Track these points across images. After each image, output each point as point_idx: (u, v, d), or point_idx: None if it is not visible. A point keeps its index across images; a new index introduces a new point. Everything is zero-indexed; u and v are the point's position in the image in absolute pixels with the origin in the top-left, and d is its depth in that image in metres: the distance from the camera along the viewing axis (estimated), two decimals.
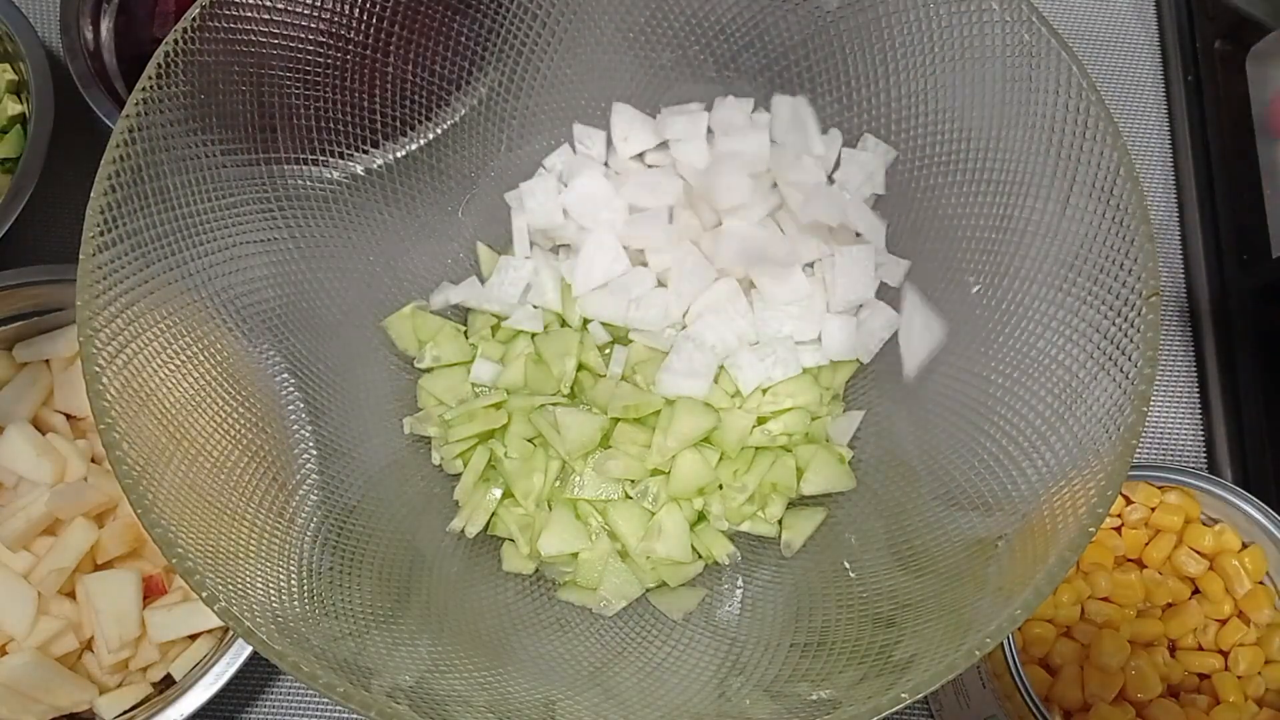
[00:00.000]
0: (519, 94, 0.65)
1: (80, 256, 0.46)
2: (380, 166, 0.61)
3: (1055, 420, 0.51)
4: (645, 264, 0.64)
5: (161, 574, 0.60)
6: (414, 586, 0.56)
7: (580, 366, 0.63)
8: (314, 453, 0.56)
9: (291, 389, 0.57)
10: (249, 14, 0.53)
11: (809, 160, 0.62)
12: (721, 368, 0.62)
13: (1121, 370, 0.47)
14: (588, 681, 0.54)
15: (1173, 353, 0.75)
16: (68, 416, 0.64)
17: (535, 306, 0.64)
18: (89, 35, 0.71)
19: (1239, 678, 0.59)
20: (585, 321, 0.64)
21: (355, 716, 0.65)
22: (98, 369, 0.44)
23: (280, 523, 0.51)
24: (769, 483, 0.61)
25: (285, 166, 0.57)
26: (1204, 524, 0.62)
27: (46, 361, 0.64)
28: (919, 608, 0.52)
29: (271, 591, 0.47)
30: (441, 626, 0.54)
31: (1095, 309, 0.50)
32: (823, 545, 0.61)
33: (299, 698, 0.64)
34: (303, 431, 0.56)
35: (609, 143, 0.67)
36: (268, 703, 0.64)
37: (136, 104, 0.48)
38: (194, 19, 0.50)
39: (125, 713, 0.57)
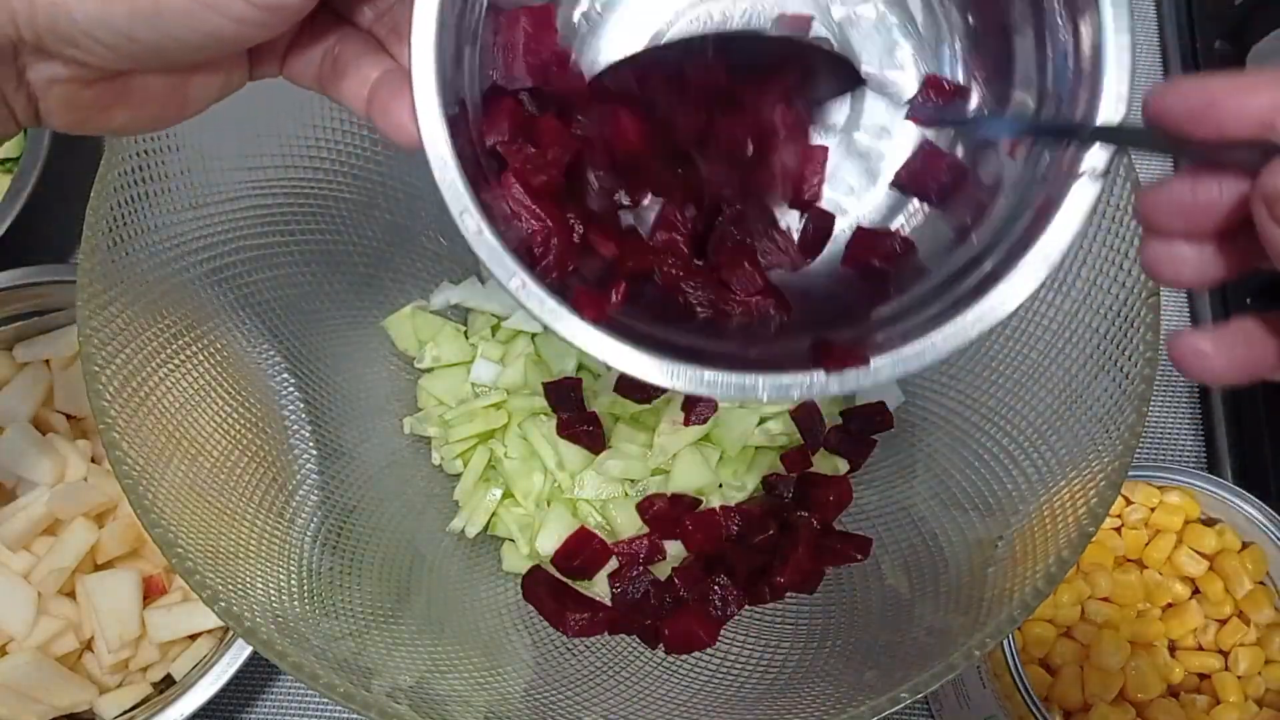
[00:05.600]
0: None
1: (80, 256, 0.46)
2: (382, 165, 0.61)
3: (1055, 420, 0.51)
4: None
5: (161, 574, 0.60)
6: (414, 586, 0.56)
7: (580, 366, 0.63)
8: (314, 453, 0.56)
9: (291, 389, 0.57)
10: None
11: None
12: None
13: (1121, 370, 0.47)
14: (588, 682, 0.54)
15: None
16: (68, 416, 0.64)
17: None
18: None
19: (1239, 678, 0.59)
20: None
21: (355, 716, 0.65)
22: (97, 369, 0.44)
23: (280, 523, 0.51)
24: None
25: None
26: (1204, 524, 0.62)
27: (46, 361, 0.64)
28: (919, 607, 0.52)
29: (272, 591, 0.47)
30: (441, 626, 0.54)
31: (1094, 309, 0.50)
32: None
33: (299, 698, 0.64)
34: (303, 432, 0.56)
35: None
36: (268, 703, 0.64)
37: None
38: None
39: (125, 713, 0.57)
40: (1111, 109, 0.31)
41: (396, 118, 0.32)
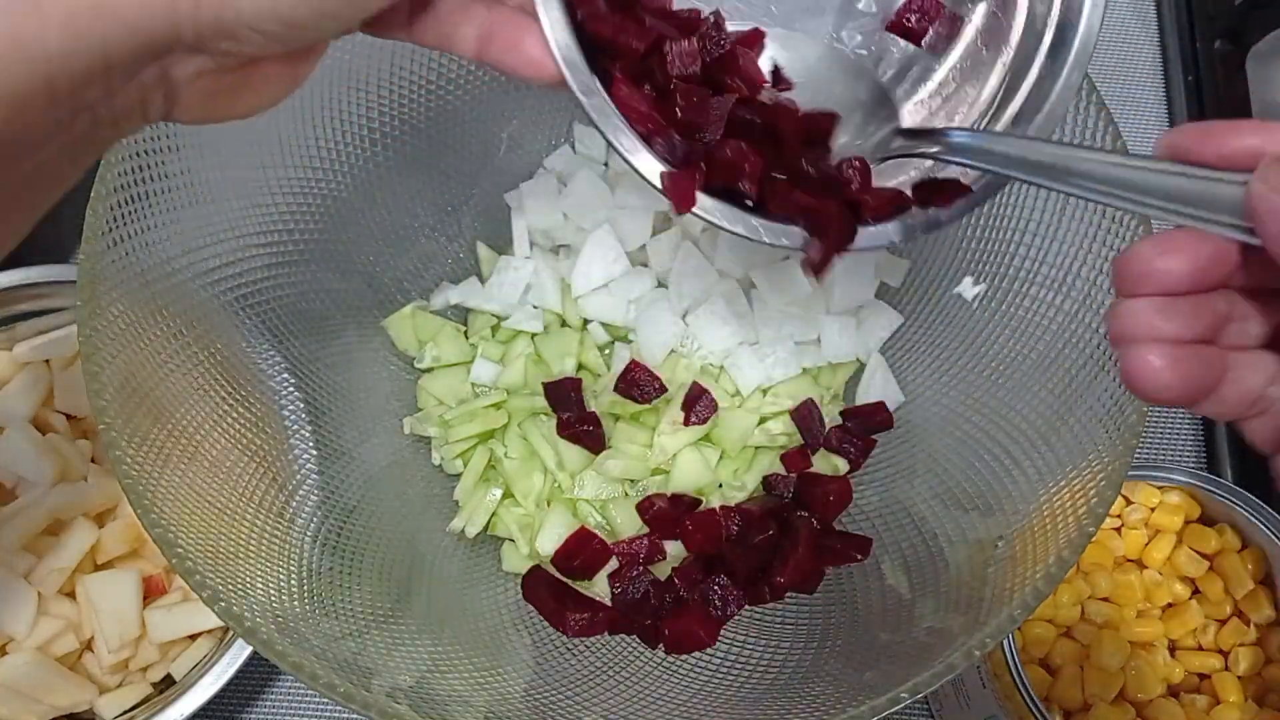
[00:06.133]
0: (519, 92, 0.65)
1: (80, 256, 0.46)
2: (382, 165, 0.61)
3: (1055, 420, 0.51)
4: (645, 264, 0.64)
5: (161, 574, 0.60)
6: (414, 586, 0.56)
7: (580, 366, 0.63)
8: (314, 453, 0.56)
9: (291, 389, 0.57)
10: None
11: None
12: (721, 368, 0.62)
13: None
14: (588, 682, 0.54)
15: None
16: (68, 416, 0.64)
17: (535, 306, 0.64)
18: None
19: (1239, 678, 0.59)
20: (585, 321, 0.64)
21: (355, 716, 0.65)
22: (97, 369, 0.44)
23: (280, 523, 0.51)
24: None
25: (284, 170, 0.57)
26: (1204, 524, 0.62)
27: (46, 361, 0.64)
28: (919, 607, 0.52)
29: (272, 591, 0.47)
30: (441, 626, 0.54)
31: (1095, 309, 0.50)
32: None
33: (299, 698, 0.64)
34: (303, 431, 0.56)
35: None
36: (268, 703, 0.64)
37: None
38: None
39: (125, 713, 0.57)
40: None
41: (529, 54, 0.32)
